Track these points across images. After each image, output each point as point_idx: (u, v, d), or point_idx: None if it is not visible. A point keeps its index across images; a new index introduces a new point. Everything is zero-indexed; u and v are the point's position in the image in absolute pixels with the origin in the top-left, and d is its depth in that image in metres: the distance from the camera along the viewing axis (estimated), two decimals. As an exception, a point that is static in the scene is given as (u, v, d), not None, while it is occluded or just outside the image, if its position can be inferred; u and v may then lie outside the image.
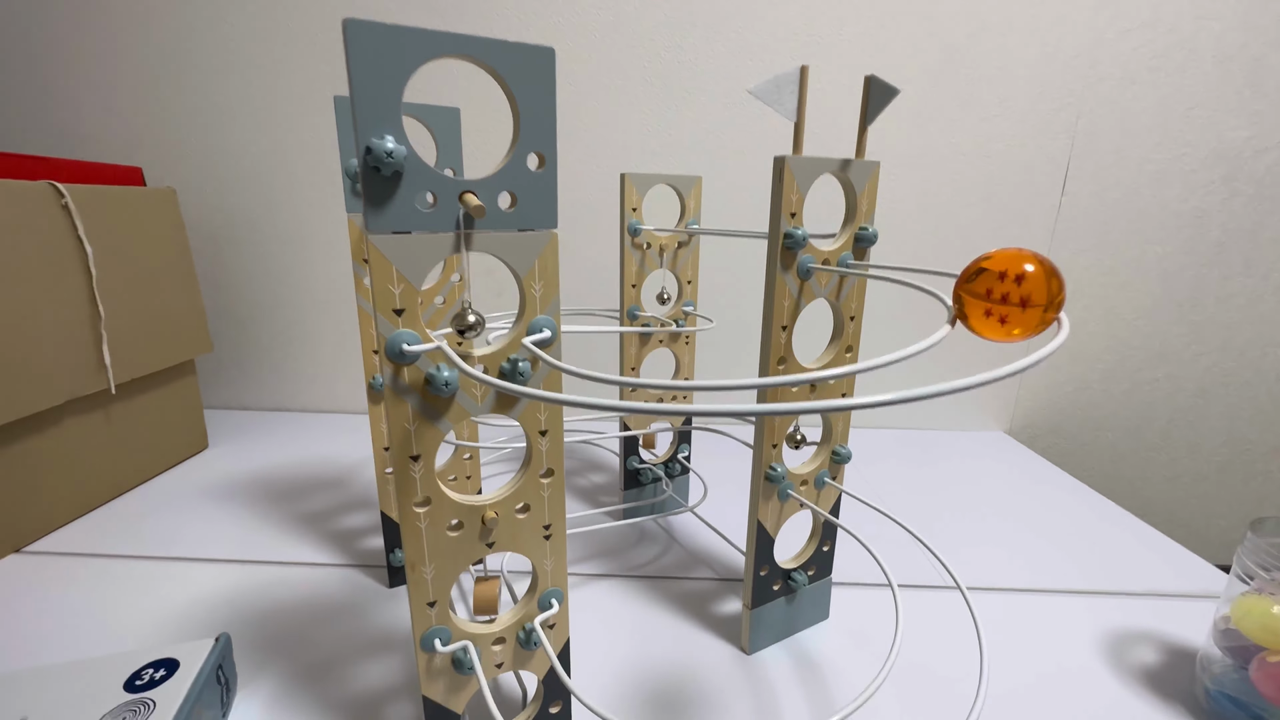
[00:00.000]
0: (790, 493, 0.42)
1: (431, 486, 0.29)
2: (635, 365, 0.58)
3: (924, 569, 0.55)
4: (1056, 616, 0.50)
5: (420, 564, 0.29)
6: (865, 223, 0.39)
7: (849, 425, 0.43)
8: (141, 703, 0.33)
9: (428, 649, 0.30)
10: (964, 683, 0.43)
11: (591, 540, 0.59)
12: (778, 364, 0.38)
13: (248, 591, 0.50)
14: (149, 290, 0.67)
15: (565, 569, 0.34)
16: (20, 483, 0.56)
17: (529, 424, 0.30)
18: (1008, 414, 0.92)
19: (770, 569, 0.43)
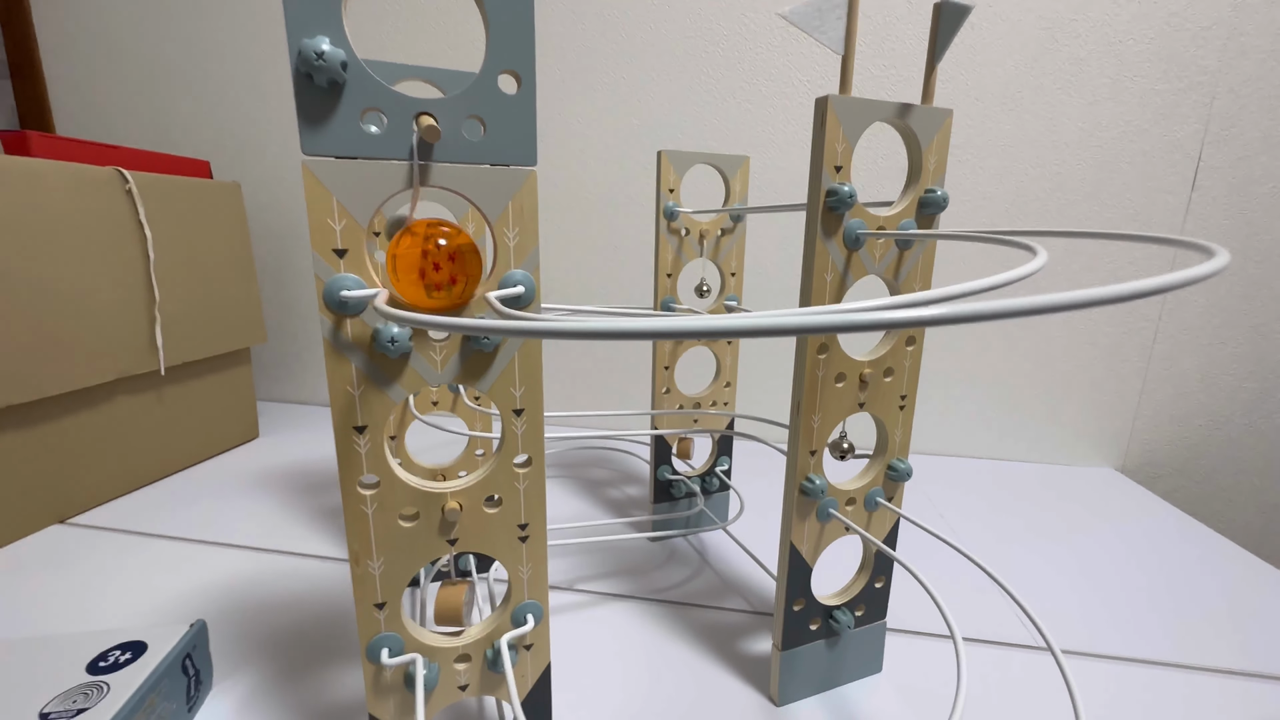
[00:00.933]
0: (833, 512, 0.35)
1: (380, 465, 0.24)
2: (669, 364, 0.53)
3: (1002, 622, 0.45)
4: (1184, 699, 0.39)
5: (366, 556, 0.25)
6: (933, 184, 0.32)
7: (909, 433, 0.36)
8: (97, 686, 0.31)
9: (373, 660, 0.26)
10: (1058, 774, 0.33)
11: (613, 555, 0.54)
12: (817, 353, 0.32)
13: (262, 580, 0.49)
14: (207, 278, 0.69)
15: (546, 579, 0.29)
16: (68, 456, 0.57)
17: (501, 400, 0.26)
18: (1120, 447, 0.78)
19: (807, 604, 0.36)
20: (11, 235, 0.50)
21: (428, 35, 0.79)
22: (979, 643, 0.43)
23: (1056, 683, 0.40)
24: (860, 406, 0.34)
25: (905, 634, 0.44)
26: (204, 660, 0.36)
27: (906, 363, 0.34)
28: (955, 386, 0.78)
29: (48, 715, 0.29)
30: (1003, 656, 0.42)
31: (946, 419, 0.80)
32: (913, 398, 0.35)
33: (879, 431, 0.36)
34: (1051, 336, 0.75)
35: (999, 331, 0.76)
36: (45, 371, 0.53)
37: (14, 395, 0.51)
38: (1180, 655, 0.43)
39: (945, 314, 0.12)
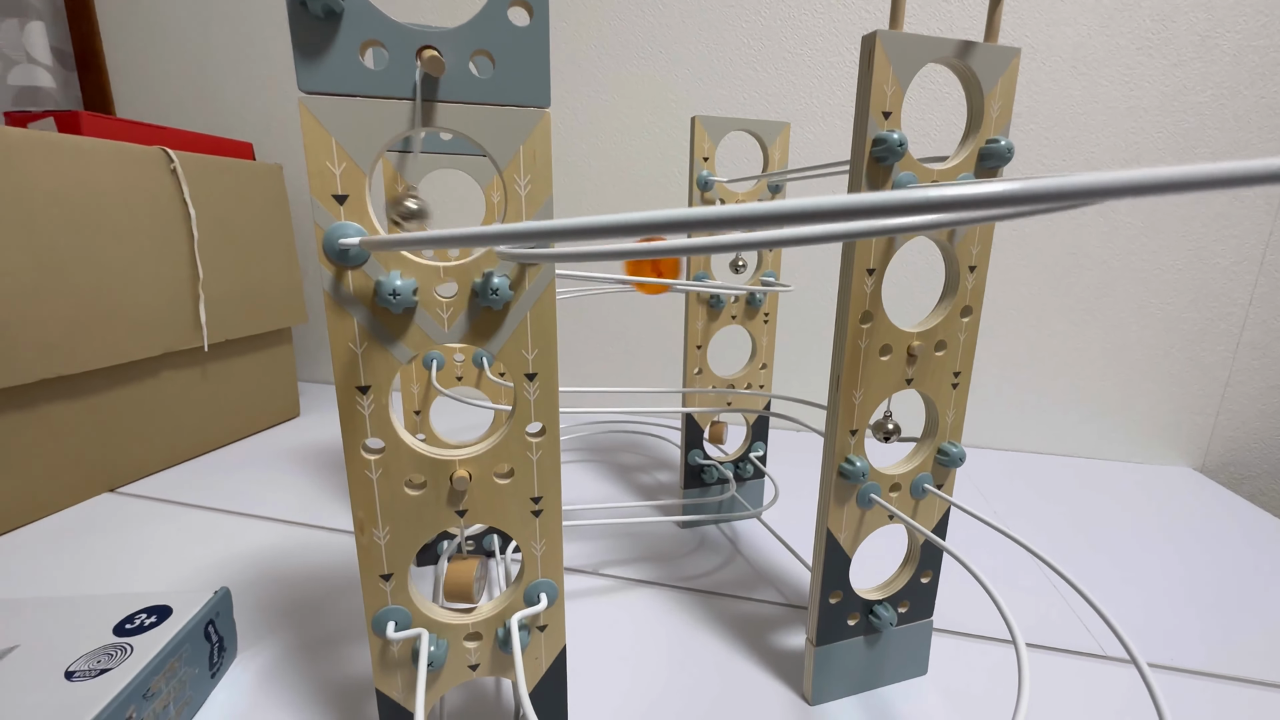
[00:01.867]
0: (875, 498, 0.32)
1: (385, 428, 0.23)
2: (702, 343, 0.50)
3: (1062, 627, 0.41)
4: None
5: (371, 525, 0.24)
6: (997, 133, 0.28)
7: (963, 414, 0.32)
8: (120, 647, 0.31)
9: (379, 633, 0.25)
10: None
11: (640, 540, 0.52)
12: (860, 322, 0.29)
13: (292, 552, 0.49)
14: (249, 258, 0.70)
15: (560, 557, 0.27)
16: (117, 427, 0.59)
17: (512, 363, 0.24)
18: (1200, 446, 0.71)
19: (845, 596, 0.33)
20: (62, 210, 0.51)
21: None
22: (1038, 649, 0.39)
23: (1121, 695, 0.36)
24: (908, 383, 0.31)
25: (954, 635, 0.41)
26: (228, 627, 0.36)
27: (961, 335, 0.31)
28: (1013, 374, 0.73)
29: (73, 673, 0.29)
30: (1062, 665, 0.38)
31: (1003, 410, 0.74)
32: (967, 375, 0.32)
33: (928, 412, 0.32)
34: (1123, 322, 0.69)
35: (1064, 314, 0.70)
36: (93, 344, 0.55)
37: (64, 366, 0.52)
38: (1272, 673, 0.38)
39: (1027, 189, 0.09)
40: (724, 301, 0.49)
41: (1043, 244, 0.69)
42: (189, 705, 0.33)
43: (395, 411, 0.23)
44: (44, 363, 0.51)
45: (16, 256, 0.48)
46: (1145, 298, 0.68)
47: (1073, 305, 0.70)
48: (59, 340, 0.52)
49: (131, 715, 0.29)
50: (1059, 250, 0.69)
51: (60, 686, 0.29)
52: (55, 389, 0.53)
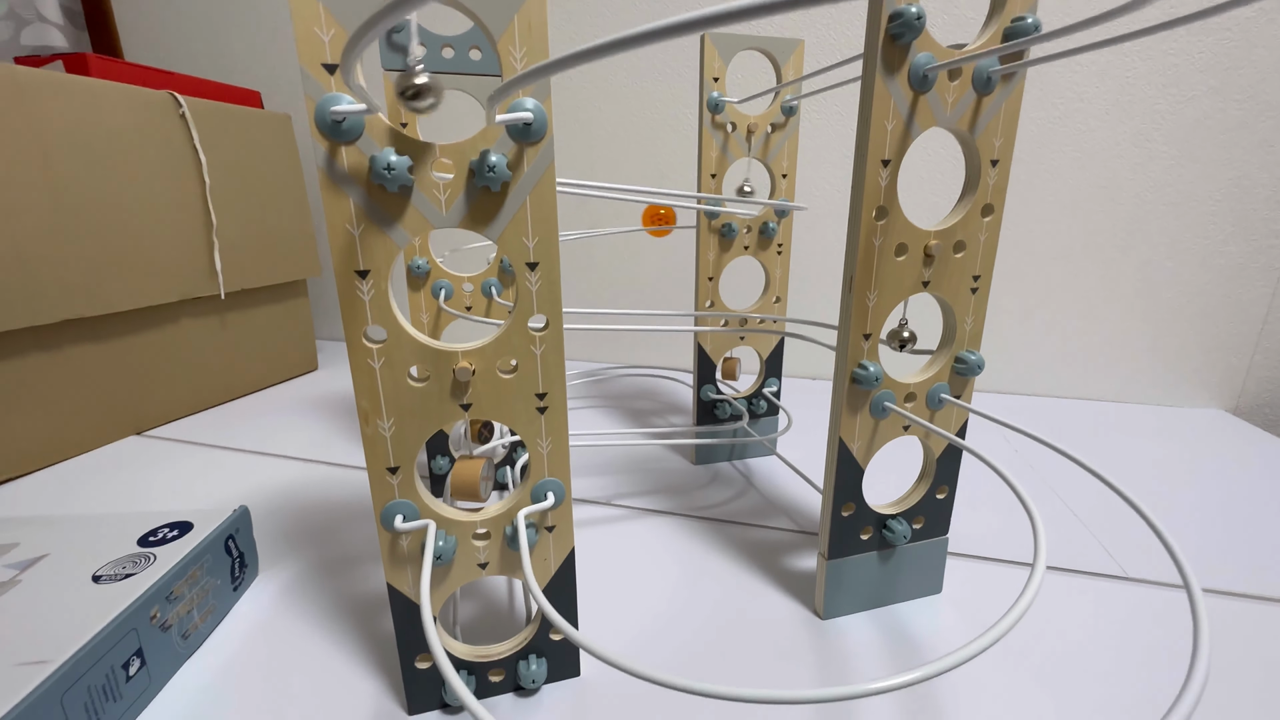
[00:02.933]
0: (890, 406, 0.31)
1: (386, 316, 0.23)
2: (714, 275, 0.49)
3: (1086, 551, 0.41)
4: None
5: (375, 415, 0.24)
6: (1024, 10, 0.27)
7: (982, 321, 0.31)
8: (144, 555, 0.32)
9: (388, 527, 0.25)
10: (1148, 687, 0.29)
11: (653, 475, 0.52)
12: (875, 218, 0.28)
13: (310, 486, 0.50)
14: (261, 208, 0.70)
15: (567, 455, 0.27)
16: (143, 372, 0.61)
17: (513, 251, 0.23)
18: (1234, 387, 0.69)
19: (858, 509, 0.33)
20: (76, 151, 0.52)
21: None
22: (1059, 570, 0.39)
23: (1148, 613, 0.35)
24: (924, 286, 0.30)
25: (969, 558, 0.40)
26: (248, 545, 0.37)
27: (981, 236, 0.30)
28: (1036, 317, 0.71)
29: (99, 576, 0.30)
30: (1084, 586, 0.37)
31: (1025, 354, 0.72)
32: (987, 279, 0.31)
33: (945, 318, 0.31)
34: (1156, 259, 0.66)
35: (1093, 253, 0.68)
36: (113, 286, 0.55)
37: (86, 307, 0.53)
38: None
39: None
40: (736, 231, 0.48)
41: (1072, 178, 0.66)
42: (213, 613, 0.34)
43: (395, 301, 0.23)
44: (66, 303, 0.52)
45: (35, 195, 0.49)
46: (1179, 232, 0.65)
47: (1102, 243, 0.67)
48: (80, 281, 0.53)
49: (156, 614, 0.29)
50: (1089, 185, 0.66)
51: (88, 587, 0.29)
52: (79, 331, 0.54)
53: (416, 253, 0.43)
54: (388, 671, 0.31)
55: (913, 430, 0.32)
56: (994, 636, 0.17)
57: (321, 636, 0.33)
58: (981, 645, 0.17)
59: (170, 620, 0.30)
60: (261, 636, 0.33)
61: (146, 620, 0.29)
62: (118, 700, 0.27)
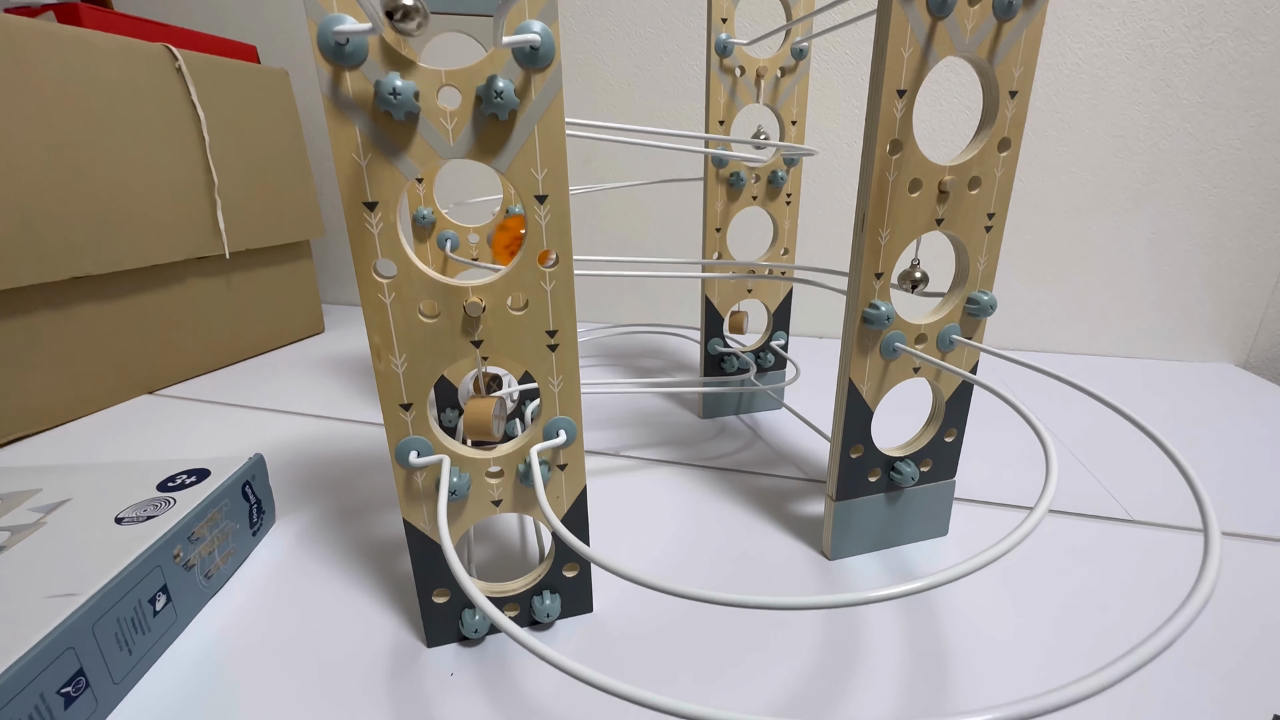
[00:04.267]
0: (900, 347, 0.31)
1: (396, 250, 0.23)
2: (721, 226, 0.49)
3: (1091, 496, 0.41)
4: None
5: (387, 351, 0.24)
6: (1047, -72, 0.26)
7: (996, 260, 0.31)
8: (164, 500, 0.33)
9: (403, 463, 0.25)
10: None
11: (661, 428, 0.52)
12: (889, 152, 0.27)
13: (324, 440, 0.50)
14: (262, 166, 0.70)
15: (579, 394, 0.27)
16: (151, 332, 0.61)
17: (522, 183, 0.23)
18: (1245, 341, 0.68)
19: (866, 451, 0.33)
20: (72, 105, 0.51)
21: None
22: (1065, 514, 0.39)
23: (1154, 555, 0.35)
24: (938, 224, 0.29)
25: (976, 503, 0.40)
26: (264, 492, 0.38)
27: (998, 172, 0.29)
28: (1047, 271, 0.70)
29: (122, 519, 0.31)
30: (1089, 529, 0.38)
31: (1035, 308, 0.72)
32: (1002, 218, 0.30)
33: (958, 258, 0.31)
34: (1171, 210, 0.65)
35: (1107, 204, 0.66)
36: (118, 244, 0.55)
37: (92, 265, 0.53)
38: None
39: None
40: (744, 180, 0.47)
41: (1087, 127, 0.64)
42: (234, 556, 0.35)
43: (405, 235, 0.23)
44: (73, 260, 0.52)
45: (34, 150, 0.48)
46: (1196, 181, 0.64)
47: (1117, 194, 0.66)
48: (85, 238, 0.52)
49: (179, 553, 0.30)
50: (1105, 134, 0.64)
51: (112, 529, 0.30)
52: (86, 290, 0.54)
53: (421, 202, 0.43)
54: (406, 608, 0.32)
55: (922, 372, 0.32)
56: (1003, 549, 0.17)
57: (340, 577, 0.34)
58: (991, 557, 0.17)
59: (193, 560, 0.31)
60: (282, 577, 0.34)
61: (170, 559, 0.30)
62: (146, 633, 0.28)
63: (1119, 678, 0.12)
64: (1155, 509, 0.40)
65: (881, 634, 0.29)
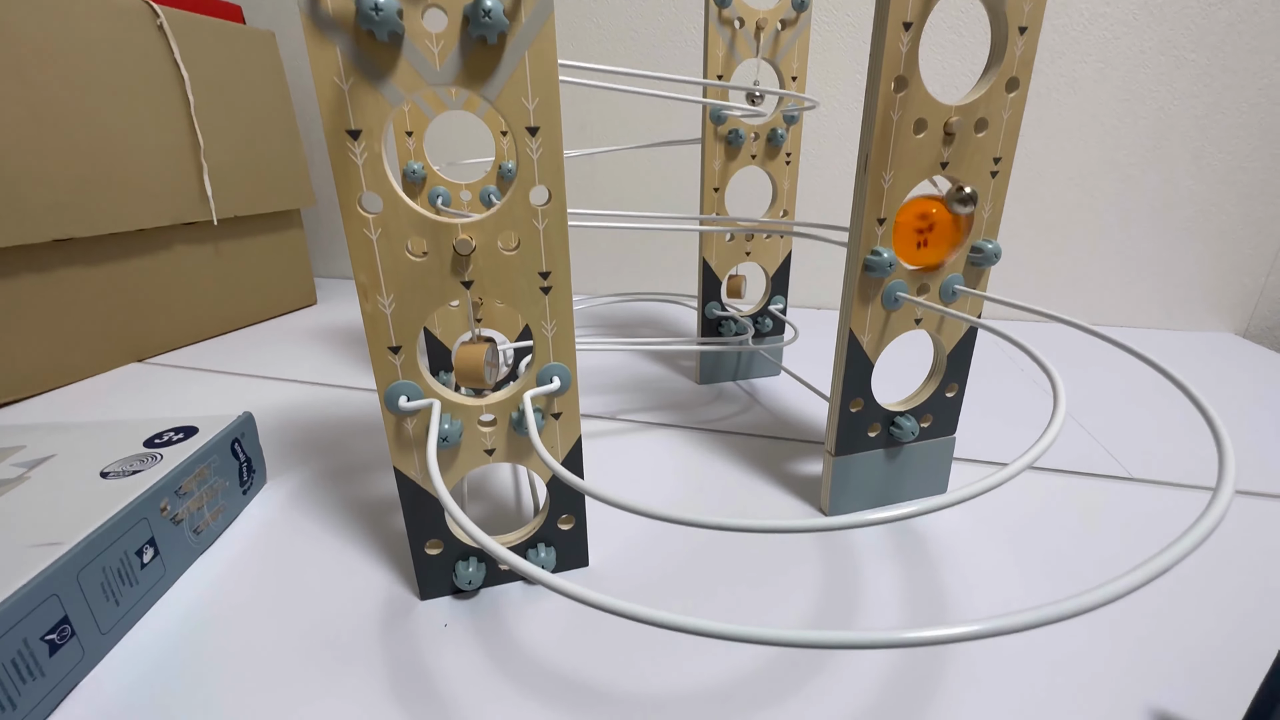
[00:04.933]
0: (902, 296, 0.30)
1: (381, 183, 0.22)
2: (719, 185, 0.48)
3: (1091, 455, 0.41)
4: (1317, 531, 0.33)
5: (374, 291, 0.23)
6: None
7: (1001, 207, 0.30)
8: (152, 455, 0.32)
9: (392, 408, 0.25)
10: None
11: (657, 393, 0.52)
12: (893, 89, 0.26)
13: (316, 405, 0.50)
14: (249, 131, 0.68)
15: (572, 341, 0.26)
16: (140, 299, 0.60)
17: (513, 113, 0.22)
18: (1245, 309, 0.68)
19: (866, 406, 0.33)
20: (51, 62, 0.49)
21: None
22: (1064, 473, 0.39)
23: (1154, 513, 0.35)
24: (942, 168, 0.29)
25: (976, 462, 0.40)
26: (254, 450, 0.37)
27: (1005, 114, 0.28)
28: (1047, 237, 0.69)
29: (107, 473, 0.30)
30: (1090, 487, 0.38)
31: (1034, 277, 0.71)
32: (1008, 163, 0.29)
33: (963, 204, 0.30)
34: (1175, 175, 0.64)
35: (1111, 169, 0.65)
36: (102, 207, 0.54)
37: (75, 228, 0.52)
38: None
39: None
40: (743, 138, 0.46)
41: (1092, 91, 0.63)
42: (224, 513, 0.34)
43: (391, 168, 0.22)
44: (54, 222, 0.50)
45: (12, 108, 0.47)
46: (1203, 145, 0.63)
47: (1120, 160, 0.65)
48: (67, 200, 0.51)
49: (165, 506, 0.30)
50: (1110, 98, 0.63)
51: (96, 483, 0.30)
52: (71, 253, 0.53)
53: (412, 156, 0.41)
54: (399, 564, 0.31)
55: (924, 324, 0.32)
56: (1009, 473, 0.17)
57: (332, 534, 0.34)
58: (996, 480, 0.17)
59: (181, 515, 0.31)
60: (273, 535, 0.34)
61: (157, 511, 0.29)
62: (134, 585, 0.27)
63: (1106, 599, 0.12)
64: (1153, 466, 0.39)
65: (878, 585, 0.29)
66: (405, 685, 0.24)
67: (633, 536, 0.33)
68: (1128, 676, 0.24)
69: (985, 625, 0.12)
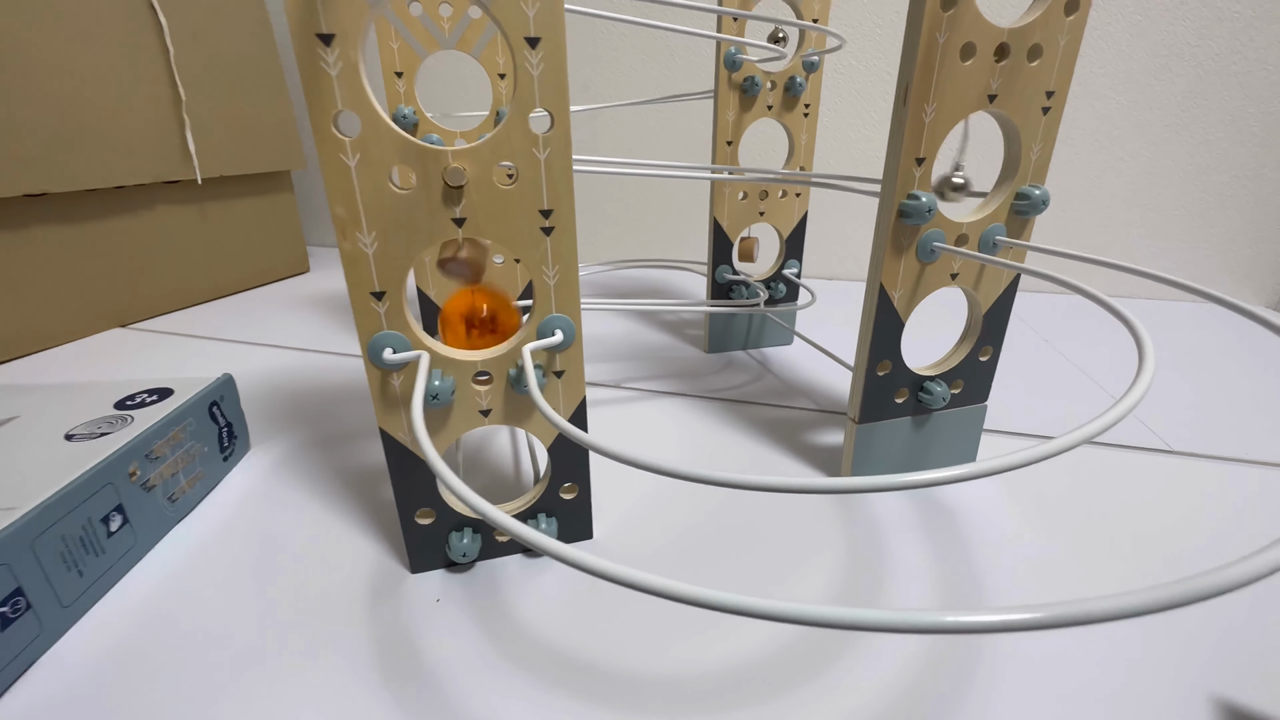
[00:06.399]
0: (939, 246, 0.27)
1: (359, 99, 0.19)
2: (733, 139, 0.44)
3: (1128, 426, 0.38)
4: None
5: (354, 227, 0.20)
6: None
7: (1051, 149, 0.27)
8: (121, 418, 0.30)
9: (376, 360, 0.22)
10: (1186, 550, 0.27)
11: (666, 362, 0.49)
12: (940, 6, 0.23)
13: (305, 372, 0.47)
14: (234, 86, 0.64)
15: (577, 291, 0.24)
16: (122, 261, 0.57)
17: (510, 22, 0.19)
18: (1278, 282, 0.65)
19: (894, 369, 0.30)
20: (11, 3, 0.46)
21: None
22: (1104, 445, 0.36)
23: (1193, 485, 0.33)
24: (990, 101, 0.26)
25: (1007, 434, 0.38)
26: (235, 415, 0.35)
27: (1062, 39, 0.25)
28: (1072, 206, 0.66)
29: (73, 435, 0.28)
30: (1128, 460, 0.35)
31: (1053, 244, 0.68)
32: (1061, 99, 0.26)
33: (1008, 144, 0.27)
34: (1212, 137, 0.61)
35: (1143, 130, 0.62)
36: (76, 161, 0.51)
37: (47, 182, 0.49)
38: (1362, 466, 0.34)
39: None
40: (759, 86, 0.43)
41: (1127, 47, 0.59)
42: (202, 480, 0.32)
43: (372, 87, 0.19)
44: (24, 176, 0.47)
45: (-29, 49, 0.44)
46: (1242, 105, 0.59)
47: (1155, 120, 0.62)
48: (36, 153, 0.48)
49: (135, 471, 0.27)
50: (1146, 54, 0.59)
51: (60, 445, 0.27)
52: (43, 210, 0.50)
53: (402, 100, 0.38)
54: (389, 535, 0.29)
55: (960, 280, 0.29)
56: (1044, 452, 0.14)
57: (318, 504, 0.31)
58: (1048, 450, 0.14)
59: (153, 481, 0.28)
60: (255, 503, 0.32)
61: (125, 476, 0.27)
62: (99, 554, 0.25)
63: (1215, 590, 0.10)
64: (1194, 439, 0.37)
65: (904, 559, 0.27)
66: (391, 664, 0.22)
67: (640, 506, 0.31)
68: (1188, 665, 0.22)
69: (1049, 613, 0.10)
